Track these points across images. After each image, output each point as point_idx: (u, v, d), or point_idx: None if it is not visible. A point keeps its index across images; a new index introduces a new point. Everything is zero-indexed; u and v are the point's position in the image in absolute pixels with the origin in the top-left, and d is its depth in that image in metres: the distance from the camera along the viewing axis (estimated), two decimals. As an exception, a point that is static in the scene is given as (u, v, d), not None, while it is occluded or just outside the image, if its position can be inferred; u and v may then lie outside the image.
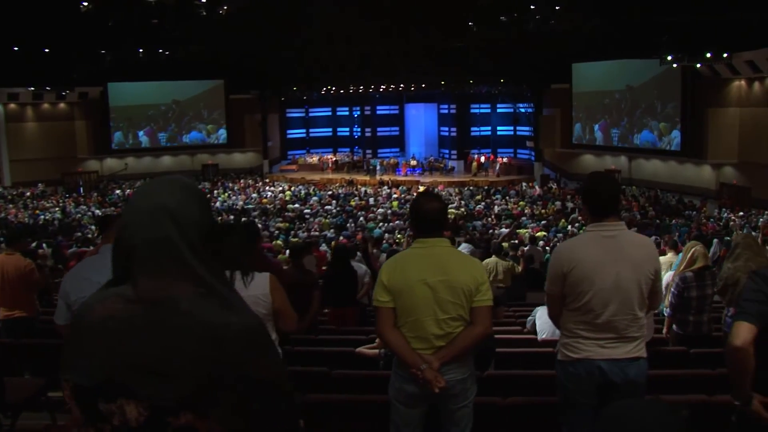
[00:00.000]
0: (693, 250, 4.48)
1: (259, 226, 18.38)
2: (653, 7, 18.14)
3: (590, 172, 2.97)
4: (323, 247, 12.26)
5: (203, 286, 1.14)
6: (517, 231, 16.44)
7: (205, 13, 17.20)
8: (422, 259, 2.54)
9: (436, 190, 25.21)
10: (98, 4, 16.54)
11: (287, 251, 9.15)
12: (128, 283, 1.15)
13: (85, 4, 16.43)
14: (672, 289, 4.48)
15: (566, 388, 2.61)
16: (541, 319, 4.54)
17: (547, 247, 12.69)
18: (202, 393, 1.09)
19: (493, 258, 7.79)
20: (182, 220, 1.15)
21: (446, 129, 31.60)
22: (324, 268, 8.79)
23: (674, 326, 4.61)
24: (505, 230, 16.46)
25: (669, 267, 6.16)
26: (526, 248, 11.19)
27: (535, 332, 4.66)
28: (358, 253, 8.27)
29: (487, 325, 2.55)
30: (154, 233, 1.13)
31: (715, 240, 12.32)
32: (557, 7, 18.22)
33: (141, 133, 28.40)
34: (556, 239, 15.05)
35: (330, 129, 33.71)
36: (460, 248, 4.17)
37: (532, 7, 18.01)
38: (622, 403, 1.18)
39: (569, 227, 17.52)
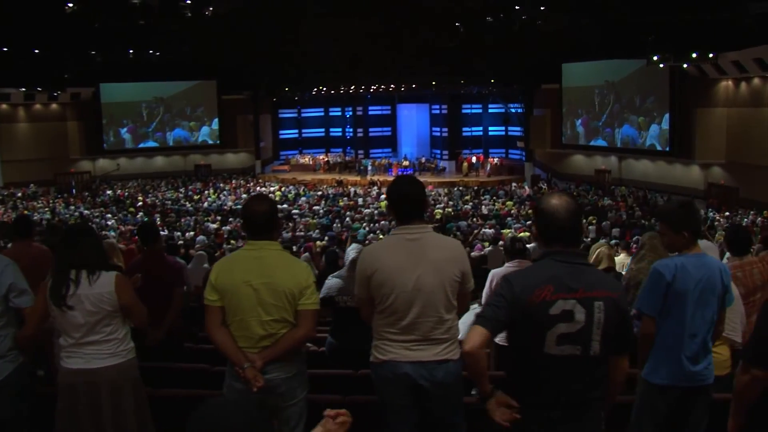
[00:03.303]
0: (598, 251, 4.48)
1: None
2: (640, 7, 18.16)
3: (396, 176, 3.00)
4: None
5: None
6: (501, 231, 16.48)
7: (190, 15, 17.22)
8: (249, 261, 2.60)
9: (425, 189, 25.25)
10: (83, 5, 16.57)
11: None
12: None
13: (70, 5, 16.46)
14: None
15: (379, 390, 2.64)
16: (464, 323, 4.57)
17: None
18: None
19: None
20: None
21: (438, 129, 31.64)
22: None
23: None
24: (489, 230, 16.49)
25: (623, 268, 6.18)
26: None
27: None
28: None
29: (309, 327, 2.61)
30: None
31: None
32: (542, 8, 18.23)
33: (123, 130, 28.37)
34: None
35: (322, 129, 33.76)
36: (349, 248, 4.19)
37: (517, 7, 18.02)
38: (209, 402, 1.23)
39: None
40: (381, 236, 16.01)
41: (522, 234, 15.80)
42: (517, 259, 4.53)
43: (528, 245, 10.06)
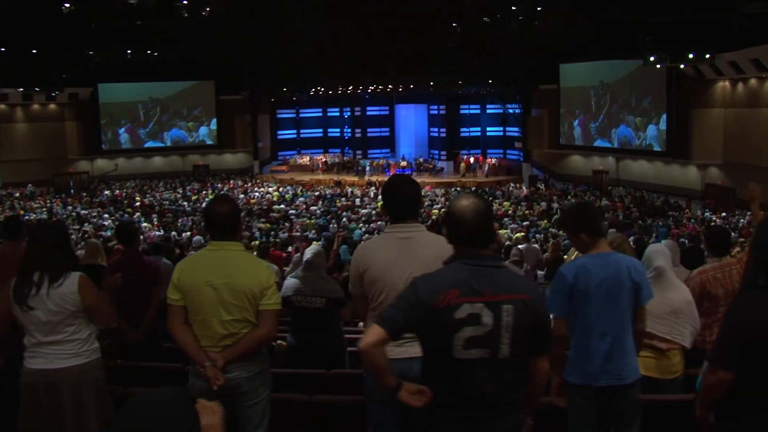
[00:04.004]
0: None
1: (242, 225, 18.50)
2: (637, 7, 18.16)
3: (390, 176, 3.04)
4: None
5: None
6: (498, 231, 16.47)
7: (186, 15, 17.24)
8: (211, 261, 2.63)
9: (423, 190, 25.29)
10: (80, 5, 16.59)
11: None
12: None
13: (67, 5, 16.48)
14: None
15: (370, 387, 2.64)
16: None
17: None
18: None
19: None
20: None
21: (436, 130, 31.63)
22: (285, 268, 8.86)
23: None
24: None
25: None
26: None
27: None
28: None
29: (270, 327, 2.63)
30: None
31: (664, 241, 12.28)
32: (539, 9, 18.24)
33: (121, 130, 28.36)
34: (534, 240, 15.07)
35: (321, 130, 33.75)
36: (308, 249, 4.24)
37: (513, 8, 18.03)
38: (138, 397, 1.23)
39: (551, 228, 17.54)
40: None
41: (518, 234, 15.83)
42: None
43: (519, 246, 10.12)
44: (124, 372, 3.31)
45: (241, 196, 24.87)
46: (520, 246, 9.96)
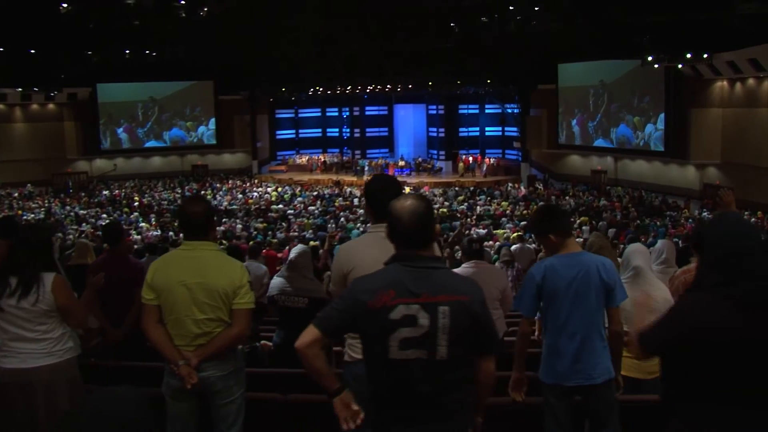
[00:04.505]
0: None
1: (240, 226, 18.52)
2: (635, 7, 18.15)
3: (373, 175, 3.05)
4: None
5: None
6: (495, 232, 16.47)
7: (184, 15, 17.26)
8: (185, 261, 2.65)
9: (421, 190, 25.30)
10: (77, 5, 16.61)
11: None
12: None
13: (65, 5, 16.50)
14: None
15: (351, 388, 2.64)
16: None
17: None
18: None
19: None
20: None
21: (435, 130, 31.65)
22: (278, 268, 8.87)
23: None
24: (482, 231, 16.49)
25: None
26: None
27: None
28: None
29: (243, 326, 2.66)
30: None
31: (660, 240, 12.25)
32: (536, 8, 18.24)
33: (120, 130, 28.36)
34: (530, 240, 15.07)
35: (319, 130, 33.78)
36: (294, 249, 4.26)
37: (511, 7, 18.02)
38: (96, 393, 1.26)
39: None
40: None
41: (514, 234, 15.83)
42: (473, 260, 4.47)
43: (514, 246, 10.11)
44: (104, 371, 3.32)
45: (240, 195, 24.91)
46: (514, 246, 9.96)
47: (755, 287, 1.79)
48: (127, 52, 22.99)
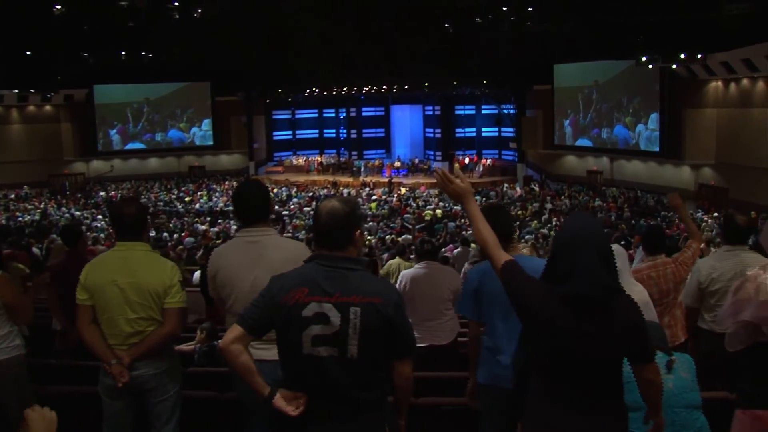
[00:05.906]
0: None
1: (234, 227, 18.50)
2: (629, 8, 18.17)
3: (241, 181, 3.15)
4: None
5: None
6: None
7: (177, 17, 17.28)
8: (116, 261, 2.72)
9: (417, 191, 25.33)
10: (71, 7, 16.63)
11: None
12: None
13: (58, 7, 16.52)
14: None
15: (239, 389, 2.73)
16: None
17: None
18: None
19: (397, 259, 7.68)
20: None
21: (431, 130, 31.69)
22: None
23: None
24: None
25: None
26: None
27: None
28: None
29: (175, 324, 2.71)
30: None
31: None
32: (530, 9, 18.26)
33: (112, 132, 28.38)
34: (523, 240, 15.09)
35: (316, 131, 33.81)
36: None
37: (504, 8, 18.05)
38: None
39: (542, 229, 17.57)
40: (369, 237, 16.04)
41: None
42: (425, 261, 4.48)
43: (456, 249, 10.00)
44: (48, 370, 3.37)
45: (236, 196, 24.89)
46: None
47: (575, 285, 1.92)
48: (123, 54, 23.01)
